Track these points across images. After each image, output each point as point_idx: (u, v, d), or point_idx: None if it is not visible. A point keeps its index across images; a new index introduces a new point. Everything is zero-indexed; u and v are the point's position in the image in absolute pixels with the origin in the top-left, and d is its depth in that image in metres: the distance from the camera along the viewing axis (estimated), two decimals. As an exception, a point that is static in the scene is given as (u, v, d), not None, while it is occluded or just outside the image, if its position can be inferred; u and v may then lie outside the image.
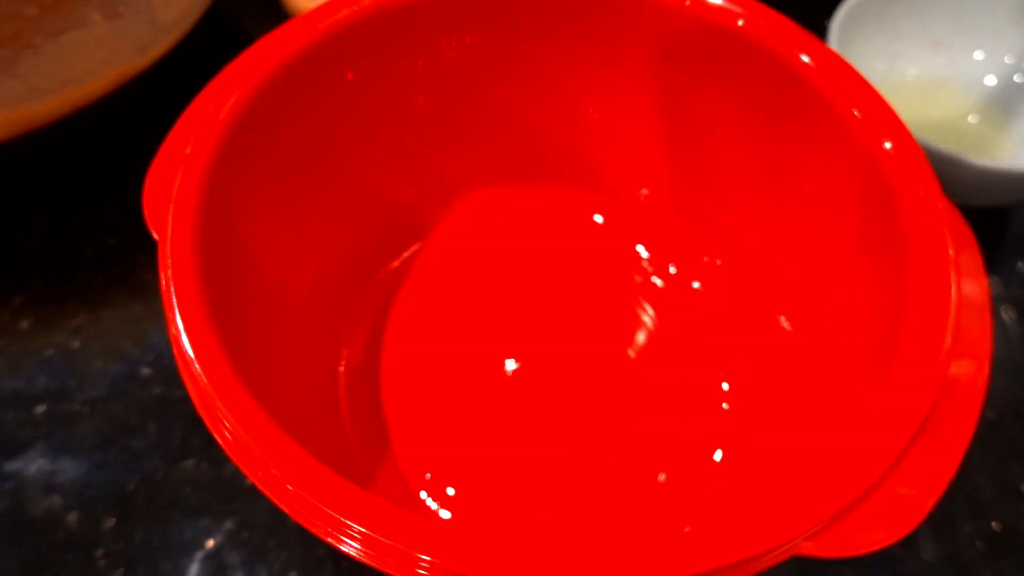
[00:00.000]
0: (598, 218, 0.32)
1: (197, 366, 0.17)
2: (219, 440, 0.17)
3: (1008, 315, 0.33)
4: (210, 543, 0.27)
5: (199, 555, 0.27)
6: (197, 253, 0.19)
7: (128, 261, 0.34)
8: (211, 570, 0.27)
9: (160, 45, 0.33)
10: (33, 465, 0.29)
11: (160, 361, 0.31)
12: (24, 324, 0.33)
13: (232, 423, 0.16)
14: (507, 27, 0.26)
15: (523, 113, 0.30)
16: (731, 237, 0.29)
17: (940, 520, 0.28)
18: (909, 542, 0.28)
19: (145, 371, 0.31)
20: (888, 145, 0.21)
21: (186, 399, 0.30)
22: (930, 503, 0.17)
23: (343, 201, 0.28)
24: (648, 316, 0.29)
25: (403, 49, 0.26)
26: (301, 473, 0.16)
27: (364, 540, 0.15)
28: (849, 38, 0.34)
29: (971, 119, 0.36)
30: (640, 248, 0.31)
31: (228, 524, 0.28)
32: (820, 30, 0.32)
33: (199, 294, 0.18)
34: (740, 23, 0.24)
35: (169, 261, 0.18)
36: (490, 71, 0.28)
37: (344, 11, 0.24)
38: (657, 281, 0.30)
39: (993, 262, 0.35)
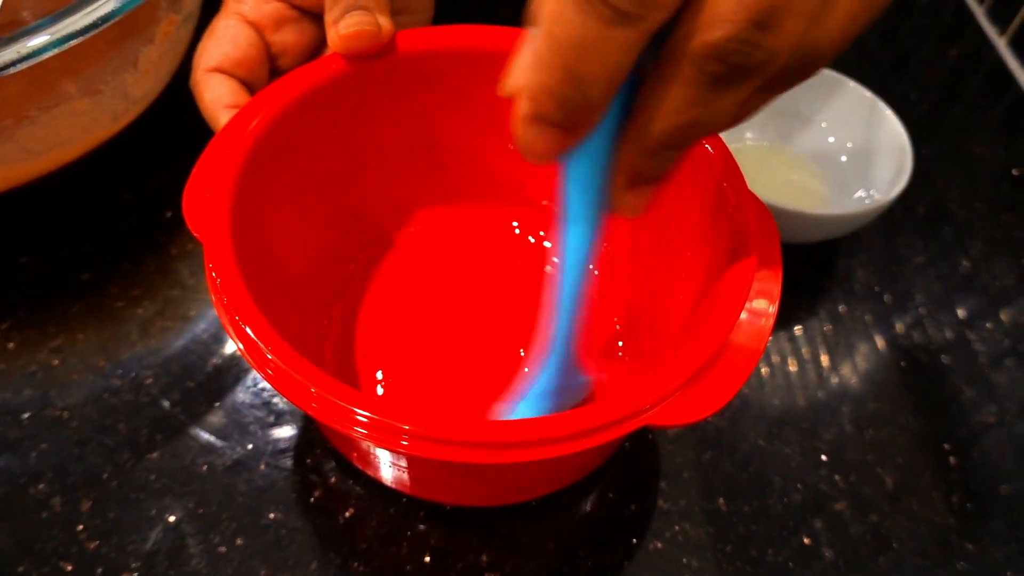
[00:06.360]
0: (515, 223, 0.41)
1: (245, 327, 0.25)
2: (262, 374, 0.24)
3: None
4: (172, 518, 0.34)
5: (162, 527, 0.33)
6: (233, 246, 0.27)
7: (101, 291, 0.41)
8: (173, 538, 0.33)
9: (130, 114, 0.40)
10: (19, 460, 0.35)
11: (128, 374, 0.38)
12: (11, 345, 0.39)
13: (274, 361, 0.24)
14: (461, 86, 0.35)
15: (463, 150, 0.39)
16: (619, 240, 0.38)
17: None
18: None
19: (116, 382, 0.38)
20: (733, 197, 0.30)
21: (152, 403, 0.37)
22: (725, 400, 0.26)
23: (331, 206, 0.37)
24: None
25: (375, 101, 0.35)
26: (326, 385, 0.24)
27: (368, 423, 0.23)
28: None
29: (793, 175, 0.45)
30: (547, 243, 0.41)
31: (187, 502, 0.34)
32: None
33: (239, 276, 0.26)
34: None
35: (212, 254, 0.26)
36: (442, 119, 0.37)
37: (333, 68, 0.32)
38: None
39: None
